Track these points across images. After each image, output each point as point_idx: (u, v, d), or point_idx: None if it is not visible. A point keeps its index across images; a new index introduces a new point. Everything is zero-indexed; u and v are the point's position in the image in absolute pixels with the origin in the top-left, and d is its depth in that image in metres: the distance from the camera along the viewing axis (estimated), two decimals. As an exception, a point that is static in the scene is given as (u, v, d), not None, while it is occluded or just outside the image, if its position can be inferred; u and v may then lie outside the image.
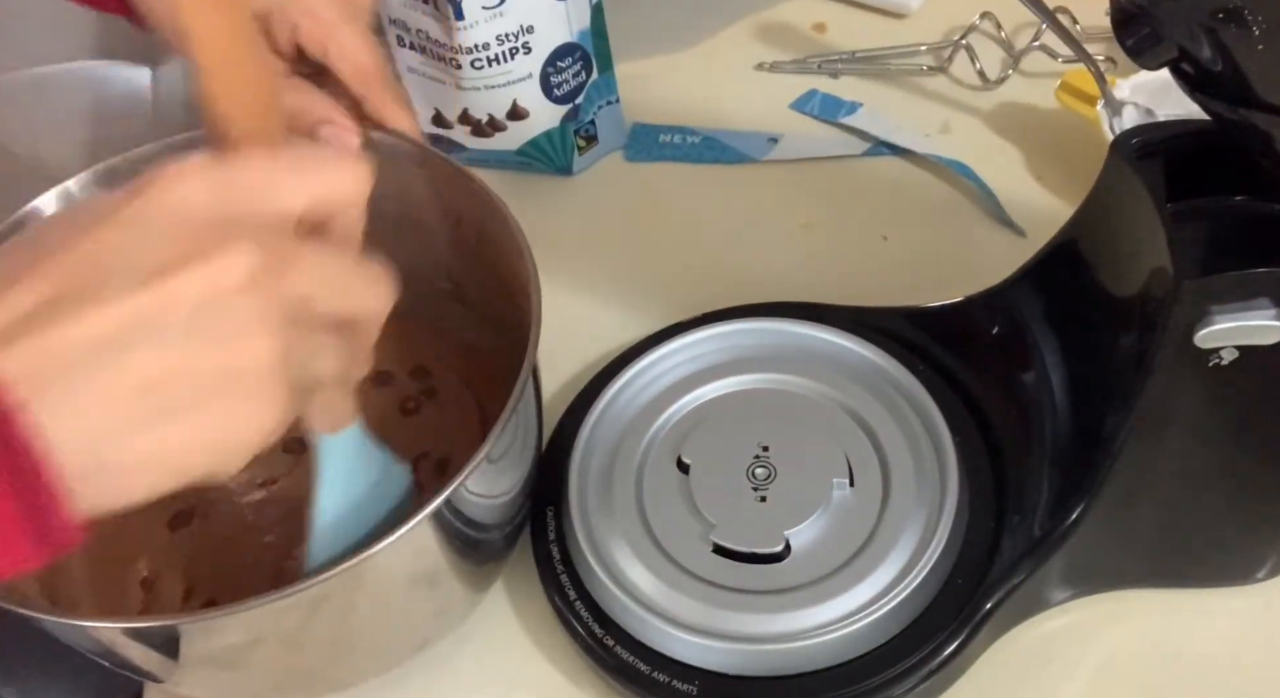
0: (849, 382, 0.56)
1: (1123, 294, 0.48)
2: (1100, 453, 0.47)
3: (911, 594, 0.49)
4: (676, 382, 0.57)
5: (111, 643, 0.44)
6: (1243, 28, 0.37)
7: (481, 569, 0.52)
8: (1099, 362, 0.50)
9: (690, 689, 0.48)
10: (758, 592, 0.50)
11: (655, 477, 0.54)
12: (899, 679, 0.48)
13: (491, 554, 0.52)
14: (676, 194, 0.72)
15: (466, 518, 0.46)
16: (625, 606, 0.50)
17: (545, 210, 0.71)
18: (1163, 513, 0.50)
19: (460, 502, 0.45)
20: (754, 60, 0.78)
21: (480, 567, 0.52)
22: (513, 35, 0.65)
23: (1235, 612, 0.53)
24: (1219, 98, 0.41)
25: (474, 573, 0.51)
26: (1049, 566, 0.49)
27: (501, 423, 0.44)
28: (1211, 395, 0.46)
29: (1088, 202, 0.50)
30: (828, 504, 0.52)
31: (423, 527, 0.43)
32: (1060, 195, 0.69)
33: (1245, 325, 0.42)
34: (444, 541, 0.46)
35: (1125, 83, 0.66)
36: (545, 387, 0.62)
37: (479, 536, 0.49)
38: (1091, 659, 0.52)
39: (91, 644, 0.45)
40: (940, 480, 0.52)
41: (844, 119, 0.74)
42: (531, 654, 0.53)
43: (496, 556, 0.53)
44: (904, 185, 0.71)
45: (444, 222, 0.56)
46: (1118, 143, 0.47)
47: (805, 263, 0.67)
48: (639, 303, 0.65)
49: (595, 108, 0.71)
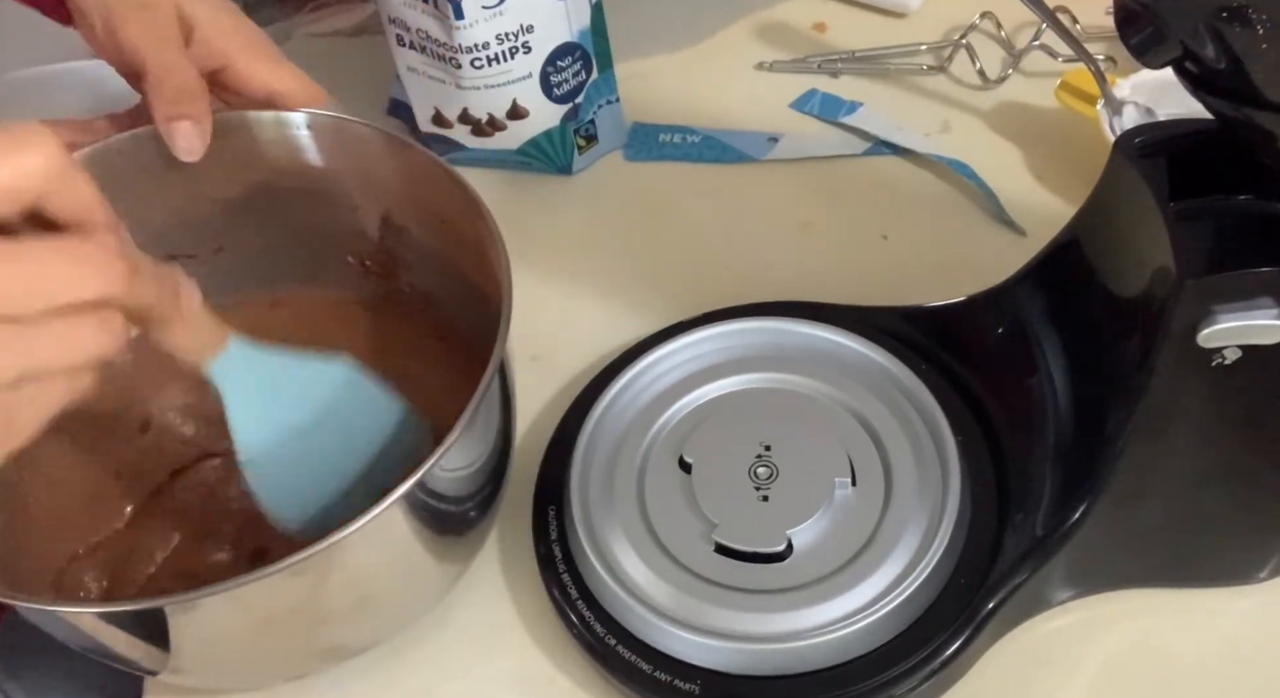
0: (851, 381, 0.56)
1: (1125, 294, 0.48)
2: (1103, 453, 0.47)
3: (913, 594, 0.49)
4: (678, 381, 0.57)
5: (92, 629, 0.44)
6: (1246, 26, 0.37)
7: (459, 542, 0.52)
8: (1101, 361, 0.50)
9: (692, 688, 0.48)
10: (760, 591, 0.50)
11: (657, 476, 0.54)
12: (901, 679, 0.48)
13: (467, 525, 0.52)
14: (676, 194, 0.72)
15: (437, 494, 0.46)
16: (627, 605, 0.50)
17: (545, 210, 0.71)
18: (1165, 513, 0.49)
19: (430, 479, 0.45)
20: (754, 60, 0.78)
21: (459, 538, 0.52)
22: (512, 35, 0.65)
23: (1237, 612, 0.53)
24: (1222, 96, 0.41)
25: (452, 546, 0.51)
26: (1051, 565, 0.49)
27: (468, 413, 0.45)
28: (1214, 395, 0.46)
29: (1090, 201, 0.50)
30: (830, 504, 0.52)
31: (390, 510, 0.43)
32: (1060, 195, 0.69)
33: (1248, 325, 0.42)
34: (414, 521, 0.46)
35: (1125, 82, 0.66)
36: (545, 387, 0.62)
37: (452, 508, 0.49)
38: (1093, 659, 0.52)
39: (69, 632, 0.45)
40: (942, 480, 0.52)
41: (844, 118, 0.74)
42: (533, 653, 0.53)
43: (472, 526, 0.52)
44: (904, 185, 0.71)
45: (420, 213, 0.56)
46: (1120, 142, 0.47)
47: (805, 262, 0.67)
48: (639, 303, 0.65)
49: (595, 107, 0.71)
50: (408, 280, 0.59)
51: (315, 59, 0.79)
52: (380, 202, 0.57)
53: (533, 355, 0.62)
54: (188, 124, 0.51)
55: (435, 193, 0.54)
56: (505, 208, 0.70)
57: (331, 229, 0.58)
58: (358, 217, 0.58)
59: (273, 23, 0.82)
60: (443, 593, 0.53)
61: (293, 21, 0.82)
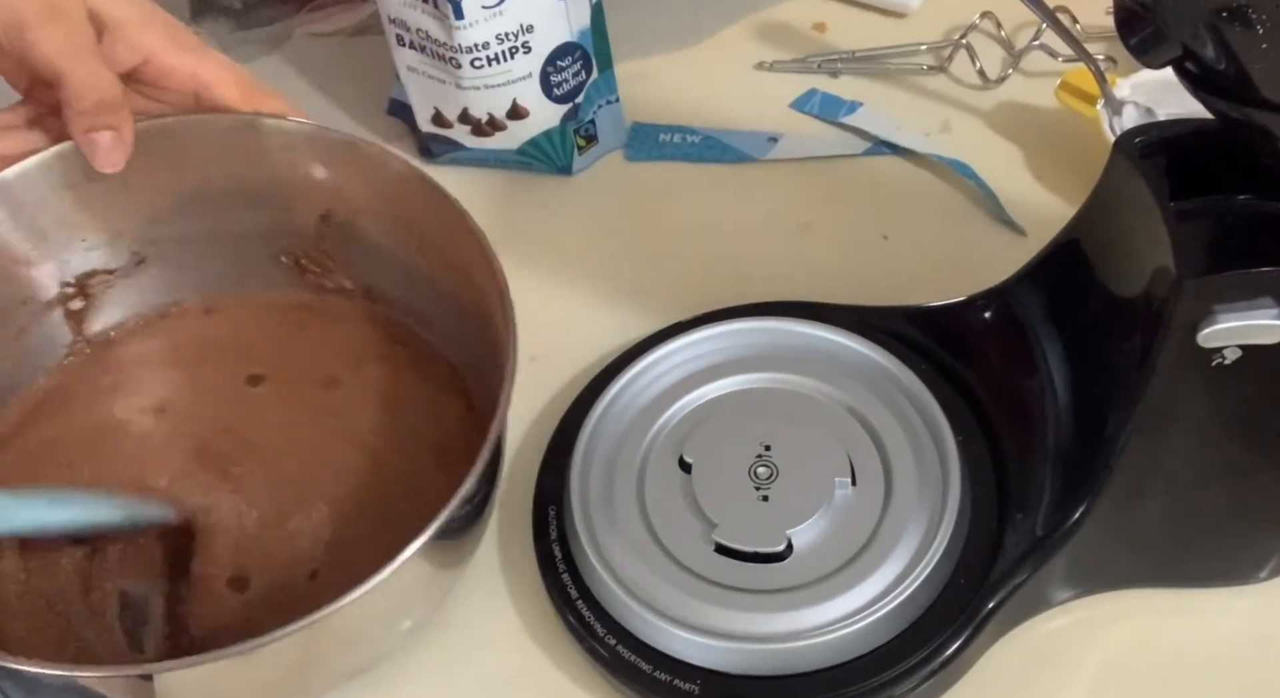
0: (851, 381, 0.56)
1: (1125, 293, 0.48)
2: (1103, 453, 0.47)
3: (913, 594, 0.49)
4: (678, 381, 0.57)
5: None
6: (1246, 26, 0.37)
7: (455, 551, 0.51)
8: (1101, 361, 0.50)
9: (691, 688, 0.48)
10: (759, 591, 0.50)
11: (657, 476, 0.54)
12: (901, 679, 0.48)
13: (461, 536, 0.51)
14: (676, 194, 0.72)
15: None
16: (627, 605, 0.50)
17: (545, 210, 0.71)
18: (1165, 513, 0.50)
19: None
20: (754, 60, 0.78)
21: (455, 548, 0.51)
22: (512, 34, 0.65)
23: (1237, 612, 0.53)
24: (1222, 96, 0.41)
25: (448, 556, 0.51)
26: (1051, 565, 0.49)
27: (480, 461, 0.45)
28: (1214, 395, 0.46)
29: (1090, 201, 0.50)
30: (830, 504, 0.52)
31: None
32: (1060, 195, 0.69)
33: (1248, 325, 0.42)
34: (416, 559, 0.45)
35: (1125, 82, 0.66)
36: (545, 387, 0.62)
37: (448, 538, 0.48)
38: (1093, 659, 0.52)
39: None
40: (942, 480, 0.52)
41: (844, 118, 0.74)
42: (533, 653, 0.53)
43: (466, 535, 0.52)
44: (904, 185, 0.71)
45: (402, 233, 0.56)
46: (1120, 141, 0.47)
47: (805, 262, 0.67)
48: (639, 303, 0.65)
49: (595, 107, 0.71)
50: (349, 278, 0.59)
51: (315, 59, 0.80)
52: (321, 200, 0.56)
53: (532, 356, 0.62)
54: (109, 135, 0.50)
55: (399, 193, 0.54)
56: (505, 208, 0.71)
57: (264, 230, 0.58)
58: (290, 216, 0.57)
59: (273, 23, 0.82)
60: (435, 604, 0.53)
61: (293, 21, 0.82)
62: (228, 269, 0.59)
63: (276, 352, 0.59)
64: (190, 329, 0.60)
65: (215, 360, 0.59)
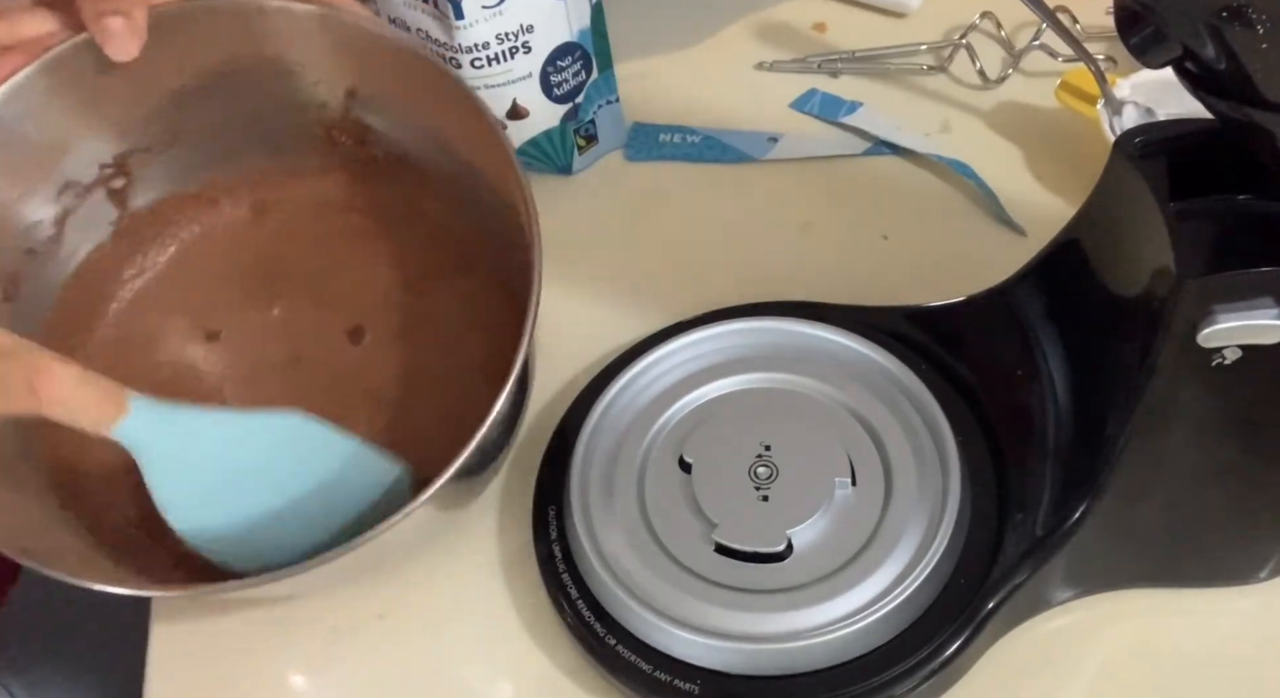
0: (851, 381, 0.56)
1: (1125, 293, 0.48)
2: (1103, 453, 0.47)
3: (913, 594, 0.49)
4: (678, 381, 0.57)
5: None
6: (1247, 26, 0.37)
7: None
8: (1101, 361, 0.50)
9: (691, 688, 0.48)
10: (759, 591, 0.50)
11: (657, 476, 0.54)
12: (901, 679, 0.48)
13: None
14: (676, 194, 0.72)
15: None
16: (626, 605, 0.50)
17: (545, 210, 0.70)
18: (1165, 513, 0.50)
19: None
20: (754, 60, 0.78)
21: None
22: (512, 34, 0.65)
23: (1237, 612, 0.53)
24: (1222, 96, 0.41)
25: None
26: (1051, 565, 0.49)
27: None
28: (1214, 395, 0.46)
29: (1090, 200, 0.50)
30: (830, 503, 0.52)
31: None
32: (1060, 195, 0.69)
33: (1248, 325, 0.42)
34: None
35: (1125, 82, 0.66)
36: (545, 386, 0.62)
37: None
38: (1093, 659, 0.52)
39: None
40: (942, 480, 0.52)
41: (844, 118, 0.74)
42: (533, 652, 0.53)
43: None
44: (904, 185, 0.71)
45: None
46: (1120, 142, 0.47)
47: (805, 262, 0.67)
48: (639, 303, 0.65)
49: (595, 107, 0.71)
50: (381, 149, 0.60)
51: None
52: (343, 78, 0.57)
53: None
54: (120, 21, 0.48)
55: (410, 71, 0.54)
56: (505, 208, 0.71)
57: (293, 102, 0.58)
58: (320, 90, 0.57)
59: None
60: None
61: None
62: (262, 148, 0.60)
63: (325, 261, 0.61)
64: (238, 235, 0.61)
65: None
